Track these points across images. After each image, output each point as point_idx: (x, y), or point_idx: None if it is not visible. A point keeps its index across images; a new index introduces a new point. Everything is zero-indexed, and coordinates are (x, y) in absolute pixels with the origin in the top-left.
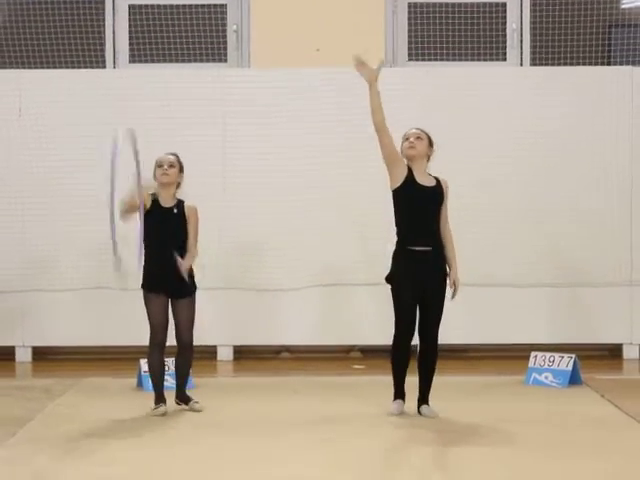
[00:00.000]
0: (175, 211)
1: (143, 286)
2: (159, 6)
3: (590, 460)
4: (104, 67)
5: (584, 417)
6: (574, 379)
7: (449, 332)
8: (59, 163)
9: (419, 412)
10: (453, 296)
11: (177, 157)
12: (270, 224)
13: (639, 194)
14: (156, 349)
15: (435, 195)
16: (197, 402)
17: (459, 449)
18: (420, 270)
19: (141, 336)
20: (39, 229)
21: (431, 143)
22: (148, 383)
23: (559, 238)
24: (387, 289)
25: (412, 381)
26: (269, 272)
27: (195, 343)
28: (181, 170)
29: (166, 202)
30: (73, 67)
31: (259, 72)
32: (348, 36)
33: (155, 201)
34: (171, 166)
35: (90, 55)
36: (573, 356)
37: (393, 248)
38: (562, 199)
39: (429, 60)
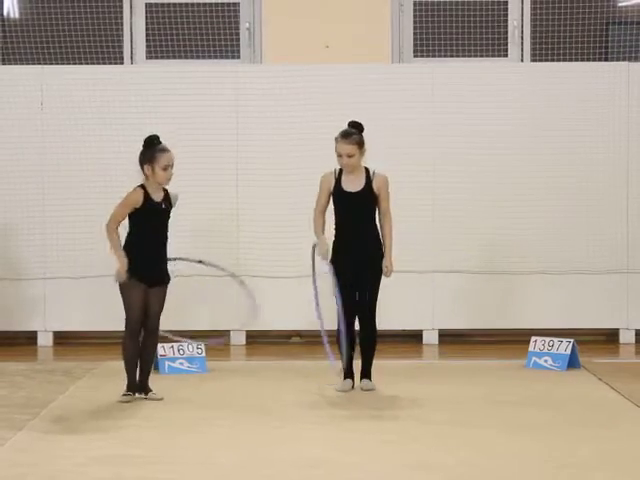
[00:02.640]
0: (163, 206)
1: (130, 274)
2: (175, 4)
3: (587, 440)
4: (122, 63)
5: (582, 399)
6: (573, 363)
7: (451, 318)
8: (79, 154)
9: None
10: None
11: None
12: (283, 215)
13: (635, 184)
14: (132, 336)
15: (360, 199)
16: (155, 393)
17: (461, 429)
18: (355, 256)
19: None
20: (59, 217)
21: (362, 145)
22: (164, 366)
23: (558, 227)
24: (392, 276)
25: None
26: (281, 260)
27: (208, 328)
28: None
29: (157, 197)
30: (92, 63)
31: (271, 68)
32: (356, 33)
33: (146, 196)
34: (172, 167)
35: (108, 52)
36: (572, 341)
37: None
38: (560, 190)
39: (434, 56)
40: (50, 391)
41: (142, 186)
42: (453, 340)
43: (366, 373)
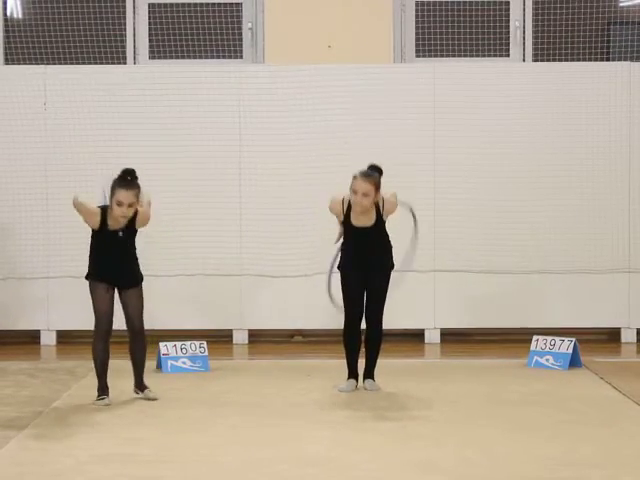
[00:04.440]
0: (121, 234)
1: (88, 277)
2: (177, 4)
3: (588, 439)
4: (125, 63)
5: (583, 398)
6: (574, 362)
7: (453, 317)
8: (82, 153)
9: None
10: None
11: (138, 188)
12: (286, 214)
13: (637, 184)
14: (101, 338)
15: (372, 233)
16: (151, 391)
17: (463, 428)
18: (365, 263)
19: (159, 320)
20: (62, 217)
21: (378, 187)
22: (167, 365)
23: (560, 227)
24: (394, 276)
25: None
26: (283, 260)
27: (211, 327)
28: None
29: (113, 224)
30: (95, 63)
31: (273, 68)
32: (358, 34)
33: (103, 221)
34: (130, 206)
35: (112, 51)
36: (573, 340)
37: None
38: (562, 189)
39: (435, 56)
40: (53, 390)
41: (104, 209)
42: (455, 339)
43: (370, 373)
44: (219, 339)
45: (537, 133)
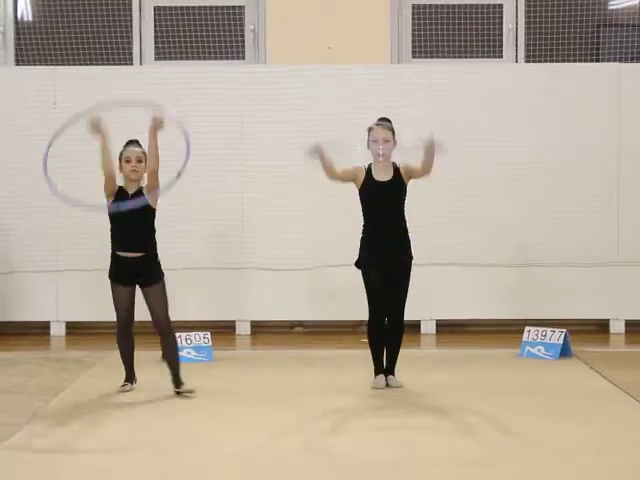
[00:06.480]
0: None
1: (110, 276)
2: (182, 7)
3: (578, 427)
4: (131, 64)
5: (574, 387)
6: (565, 352)
7: (448, 309)
8: (90, 151)
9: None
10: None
11: (143, 149)
12: (286, 210)
13: (625, 180)
14: (123, 331)
15: (391, 187)
16: (186, 386)
17: (455, 416)
18: (383, 256)
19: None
20: (71, 214)
21: (394, 133)
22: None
23: (551, 221)
24: None
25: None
26: (284, 253)
27: (214, 318)
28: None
29: (130, 190)
30: (103, 64)
31: (274, 68)
32: (357, 36)
33: (121, 188)
34: (139, 161)
35: (119, 53)
36: (564, 331)
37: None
38: (553, 185)
39: (431, 57)
40: (62, 379)
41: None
42: (450, 330)
43: (391, 369)
44: (222, 330)
45: (529, 131)
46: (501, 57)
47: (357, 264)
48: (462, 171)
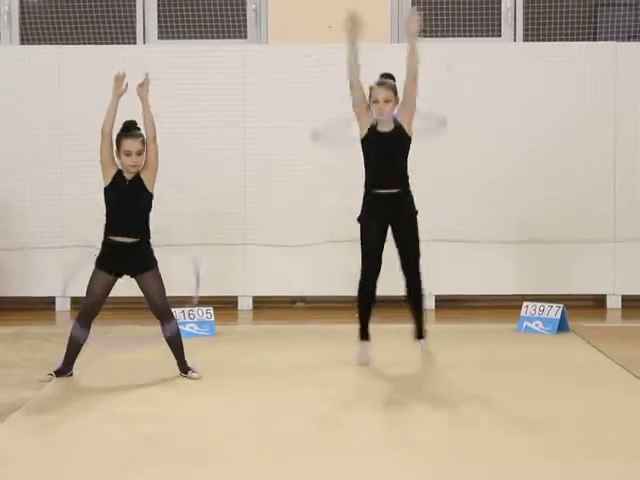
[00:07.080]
0: (132, 184)
1: (96, 262)
2: None
3: (575, 399)
4: (135, 43)
5: (571, 361)
6: (562, 327)
7: (447, 284)
8: (94, 131)
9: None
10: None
11: (142, 137)
12: (289, 186)
13: (621, 158)
14: (84, 318)
15: (393, 137)
16: (195, 372)
17: (456, 387)
18: (386, 211)
19: (168, 288)
20: (76, 188)
21: (396, 92)
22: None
23: (549, 198)
24: (392, 245)
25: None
26: (286, 230)
27: (217, 294)
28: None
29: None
30: (107, 43)
31: (276, 47)
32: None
33: (118, 173)
34: (139, 154)
35: (122, 32)
36: (561, 306)
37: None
38: (550, 163)
39: (430, 37)
40: None
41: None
42: (449, 305)
43: (421, 332)
44: (225, 305)
45: (526, 110)
46: (499, 36)
47: (359, 219)
48: (461, 149)
